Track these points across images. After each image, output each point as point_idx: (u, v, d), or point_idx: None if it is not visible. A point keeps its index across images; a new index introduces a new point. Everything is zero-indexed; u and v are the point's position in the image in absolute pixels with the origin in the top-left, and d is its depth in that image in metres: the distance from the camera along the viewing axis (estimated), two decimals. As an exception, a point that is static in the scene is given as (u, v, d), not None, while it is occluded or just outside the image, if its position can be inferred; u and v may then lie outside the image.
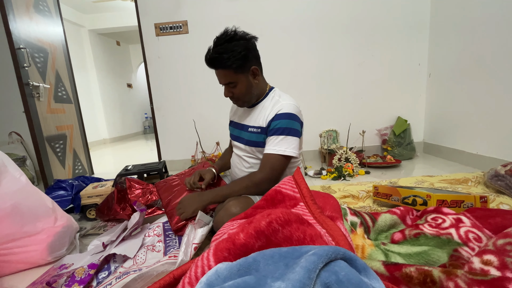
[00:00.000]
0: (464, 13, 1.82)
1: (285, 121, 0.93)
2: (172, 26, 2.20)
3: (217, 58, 0.90)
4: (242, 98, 1.00)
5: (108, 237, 1.01)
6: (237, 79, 0.94)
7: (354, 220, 0.90)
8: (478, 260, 0.57)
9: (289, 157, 0.94)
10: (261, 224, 0.42)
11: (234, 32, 0.92)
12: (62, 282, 0.74)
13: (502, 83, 1.57)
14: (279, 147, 0.93)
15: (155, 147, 2.53)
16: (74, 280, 0.75)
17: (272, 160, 0.93)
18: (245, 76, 0.95)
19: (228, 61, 0.89)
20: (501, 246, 0.59)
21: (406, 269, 0.54)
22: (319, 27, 2.20)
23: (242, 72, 0.93)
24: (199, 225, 0.87)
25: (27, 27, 1.88)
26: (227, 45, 0.90)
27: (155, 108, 2.35)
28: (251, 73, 0.96)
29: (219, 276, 0.34)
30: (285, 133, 0.93)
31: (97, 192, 1.36)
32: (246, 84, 0.96)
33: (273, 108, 0.97)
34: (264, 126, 0.98)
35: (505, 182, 1.19)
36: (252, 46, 0.94)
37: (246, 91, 0.97)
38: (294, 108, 0.97)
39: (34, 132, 1.83)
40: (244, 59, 0.91)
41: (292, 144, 0.93)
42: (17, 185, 0.89)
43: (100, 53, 5.02)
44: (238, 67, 0.91)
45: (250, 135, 1.03)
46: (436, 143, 2.20)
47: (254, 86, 0.99)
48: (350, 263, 0.35)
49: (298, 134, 0.97)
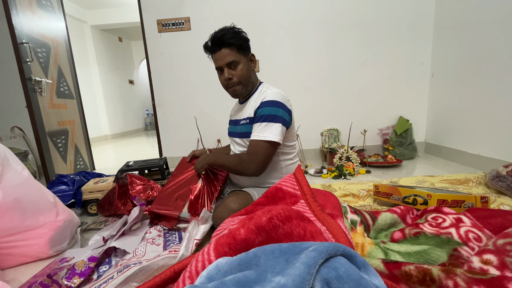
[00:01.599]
0: (468, 13, 1.81)
1: (269, 108, 0.94)
2: (174, 23, 2.19)
3: (222, 35, 0.96)
4: (242, 80, 1.00)
5: (109, 232, 1.02)
6: (240, 58, 0.98)
7: (354, 218, 0.90)
8: (478, 260, 0.57)
9: (273, 142, 0.93)
10: (262, 220, 0.42)
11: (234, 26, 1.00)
12: (62, 274, 0.75)
13: (505, 84, 1.56)
14: (261, 133, 0.93)
15: (156, 143, 2.53)
16: (74, 272, 0.76)
17: (256, 146, 0.93)
18: (245, 59, 1.01)
19: (233, 39, 0.96)
20: (501, 246, 0.59)
21: (406, 267, 0.54)
22: (322, 26, 2.19)
23: (243, 54, 1.00)
24: (202, 221, 0.87)
25: (30, 22, 1.88)
26: (229, 29, 0.98)
27: (157, 104, 2.35)
28: (249, 59, 1.03)
29: (220, 270, 0.34)
30: (268, 119, 0.94)
31: (99, 187, 1.36)
32: (246, 66, 1.01)
33: (259, 98, 1.00)
34: (252, 116, 1.00)
35: (506, 183, 1.19)
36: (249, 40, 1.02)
37: (246, 73, 1.01)
38: (278, 96, 0.97)
39: (36, 127, 1.84)
40: (246, 41, 1.00)
41: (274, 130, 0.93)
42: (19, 179, 0.90)
43: (102, 49, 5.02)
44: (241, 46, 0.98)
45: (241, 127, 1.05)
46: (437, 143, 2.19)
47: (252, 73, 1.05)
48: (350, 259, 0.35)
49: (282, 120, 0.95)
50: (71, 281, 0.74)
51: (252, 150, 0.94)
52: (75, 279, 0.74)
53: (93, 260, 0.79)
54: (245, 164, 0.94)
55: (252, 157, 0.93)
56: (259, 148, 0.93)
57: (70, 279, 0.75)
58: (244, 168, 0.95)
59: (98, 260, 0.80)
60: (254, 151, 0.93)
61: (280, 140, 0.94)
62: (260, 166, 0.93)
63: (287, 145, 1.03)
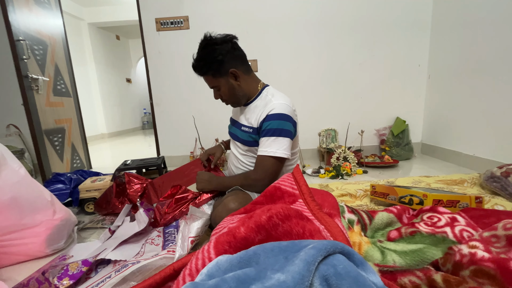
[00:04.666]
0: (465, 15, 1.83)
1: (276, 122, 0.92)
2: (173, 21, 2.18)
3: (195, 66, 0.97)
4: (229, 99, 1.03)
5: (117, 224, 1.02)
6: (218, 83, 0.98)
7: (352, 218, 0.91)
8: (466, 247, 0.59)
9: (281, 158, 0.93)
10: (262, 219, 0.42)
11: (210, 37, 0.95)
12: (55, 273, 0.74)
13: (500, 86, 1.58)
14: (270, 149, 0.92)
15: (153, 142, 2.52)
16: (66, 273, 0.74)
17: (264, 162, 0.94)
18: (225, 80, 0.97)
19: (204, 67, 0.95)
20: (487, 237, 0.62)
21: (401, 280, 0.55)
22: (321, 26, 2.20)
23: (221, 76, 0.96)
24: (193, 219, 0.87)
25: (27, 19, 1.86)
26: (203, 51, 0.94)
27: (155, 103, 2.35)
28: (230, 76, 0.97)
29: (220, 268, 0.35)
30: (276, 134, 0.92)
31: (96, 186, 1.36)
32: (227, 87, 0.98)
33: (264, 108, 0.96)
34: (256, 127, 0.98)
35: (501, 184, 1.21)
36: (229, 49, 0.94)
37: (229, 93, 0.99)
38: (286, 108, 0.95)
39: (32, 125, 1.82)
40: (219, 63, 0.93)
41: (283, 145, 0.92)
42: (16, 177, 0.89)
43: (100, 47, 4.98)
44: (215, 72, 0.95)
45: (242, 134, 1.04)
46: (434, 144, 2.22)
47: (237, 88, 0.99)
48: (348, 257, 0.36)
49: (290, 134, 0.95)
50: (60, 282, 0.72)
51: (261, 166, 0.94)
52: (65, 281, 0.72)
53: (86, 264, 0.77)
54: (253, 181, 0.96)
55: (260, 175, 0.94)
56: (267, 163, 0.93)
57: (61, 279, 0.72)
58: (255, 188, 0.96)
59: (91, 265, 0.78)
60: (263, 167, 0.94)
61: (289, 156, 0.94)
62: (271, 181, 0.93)
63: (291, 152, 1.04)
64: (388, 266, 0.60)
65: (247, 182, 0.97)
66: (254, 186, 0.96)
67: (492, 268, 0.48)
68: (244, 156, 1.06)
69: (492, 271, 0.48)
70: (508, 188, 1.16)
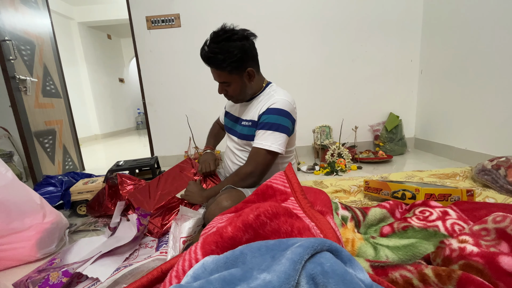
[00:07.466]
0: (456, 11, 1.84)
1: (275, 117, 0.93)
2: (164, 19, 2.15)
3: (212, 58, 0.88)
4: (235, 96, 1.00)
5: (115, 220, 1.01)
6: (231, 79, 0.93)
7: (345, 215, 0.91)
8: (456, 241, 0.60)
9: (274, 153, 0.93)
10: (249, 217, 0.42)
11: (232, 31, 0.88)
12: (37, 282, 0.72)
13: (491, 81, 1.60)
14: (265, 142, 0.92)
15: (148, 142, 2.50)
16: (47, 283, 0.72)
17: (258, 155, 0.93)
18: (239, 77, 0.93)
19: (223, 63, 0.87)
20: (477, 231, 0.62)
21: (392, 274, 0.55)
22: (314, 23, 2.19)
23: (237, 74, 0.92)
24: (184, 220, 0.86)
25: (12, 18, 1.81)
26: (224, 44, 0.86)
27: (147, 103, 2.32)
28: (246, 75, 0.93)
29: (206, 269, 0.34)
30: (273, 128, 0.92)
31: (88, 188, 1.34)
32: (240, 84, 0.94)
33: (266, 103, 0.96)
34: (256, 120, 0.98)
35: (491, 176, 1.22)
36: (249, 47, 0.91)
37: (240, 91, 0.97)
38: (287, 105, 0.95)
39: (21, 127, 1.78)
40: (240, 61, 0.88)
41: (279, 140, 0.92)
42: (3, 181, 0.87)
43: (91, 46, 4.89)
44: (233, 69, 0.89)
45: (242, 129, 1.03)
46: (426, 139, 2.24)
47: (249, 87, 0.97)
48: (335, 254, 0.35)
49: (287, 131, 0.95)
50: None
51: (254, 158, 0.94)
52: None
53: (66, 275, 0.74)
54: (244, 175, 0.95)
55: (252, 167, 0.94)
56: (260, 156, 0.93)
57: None
58: (246, 181, 0.96)
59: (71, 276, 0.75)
60: (256, 160, 0.93)
61: (283, 151, 0.94)
62: (262, 174, 0.95)
63: (286, 150, 1.03)
64: (380, 261, 0.60)
65: (238, 177, 0.96)
66: (245, 180, 0.95)
67: (481, 263, 0.48)
68: (241, 151, 1.06)
69: (481, 265, 0.48)
70: (499, 181, 1.18)
